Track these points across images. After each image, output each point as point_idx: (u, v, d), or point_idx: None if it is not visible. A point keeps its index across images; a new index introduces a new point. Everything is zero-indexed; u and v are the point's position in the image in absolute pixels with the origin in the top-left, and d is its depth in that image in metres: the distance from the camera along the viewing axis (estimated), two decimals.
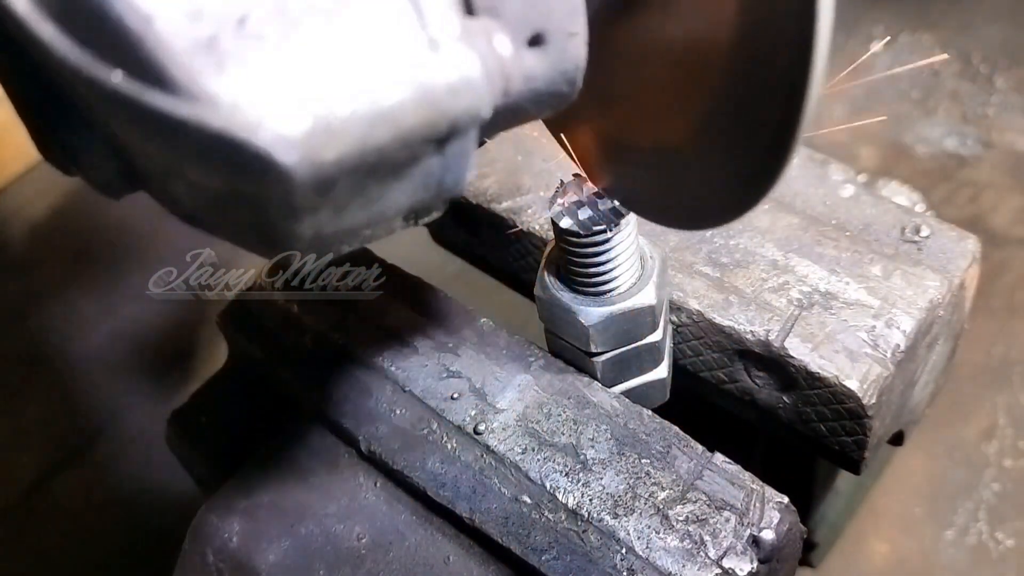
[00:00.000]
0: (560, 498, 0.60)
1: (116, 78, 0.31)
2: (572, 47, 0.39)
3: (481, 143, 0.39)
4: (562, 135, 0.59)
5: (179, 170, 0.35)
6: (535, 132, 0.81)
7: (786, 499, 0.60)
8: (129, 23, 0.29)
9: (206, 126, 0.30)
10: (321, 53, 0.32)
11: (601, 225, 0.59)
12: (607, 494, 0.60)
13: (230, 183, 0.33)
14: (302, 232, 0.35)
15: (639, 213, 0.59)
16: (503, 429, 0.64)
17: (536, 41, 0.38)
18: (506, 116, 0.39)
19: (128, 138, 0.36)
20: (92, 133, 0.39)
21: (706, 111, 0.46)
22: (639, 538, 0.58)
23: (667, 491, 0.60)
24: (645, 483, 0.60)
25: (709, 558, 0.56)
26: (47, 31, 0.31)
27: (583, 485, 0.60)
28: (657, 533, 0.58)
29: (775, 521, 0.58)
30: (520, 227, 0.79)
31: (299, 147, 0.30)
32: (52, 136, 0.40)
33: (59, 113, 0.39)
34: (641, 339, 0.65)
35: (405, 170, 0.36)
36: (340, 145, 0.31)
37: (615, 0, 0.46)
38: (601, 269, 0.61)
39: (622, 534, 0.58)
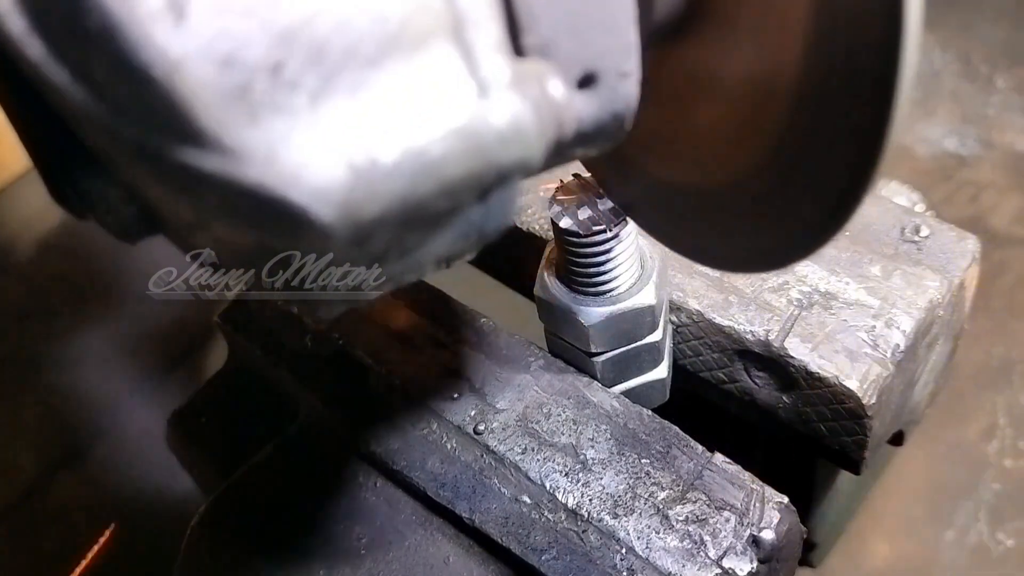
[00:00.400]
0: (560, 498, 0.60)
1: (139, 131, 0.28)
2: (624, 87, 0.36)
3: None
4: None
5: (206, 224, 0.33)
6: None
7: (786, 499, 0.60)
8: (156, 71, 0.27)
9: (238, 180, 0.28)
10: (362, 102, 0.29)
11: (601, 225, 0.59)
12: (607, 494, 0.60)
13: (262, 238, 0.31)
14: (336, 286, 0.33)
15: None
16: (503, 429, 0.64)
17: (587, 82, 0.35)
18: (551, 160, 0.37)
19: (150, 190, 0.34)
20: (108, 178, 0.36)
21: (761, 155, 0.42)
22: (639, 538, 0.58)
23: (667, 491, 0.60)
24: (645, 483, 0.60)
25: (709, 558, 0.56)
26: (62, 77, 0.29)
27: (583, 485, 0.60)
28: (657, 533, 0.58)
29: (775, 521, 0.58)
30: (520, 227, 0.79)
31: (338, 203, 0.28)
32: (65, 180, 0.38)
33: (73, 157, 0.36)
34: (641, 339, 0.65)
35: (445, 220, 0.33)
36: (382, 200, 0.29)
37: (665, 32, 0.42)
38: (601, 269, 0.61)
39: (622, 534, 0.58)
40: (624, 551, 0.57)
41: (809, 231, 0.41)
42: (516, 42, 0.33)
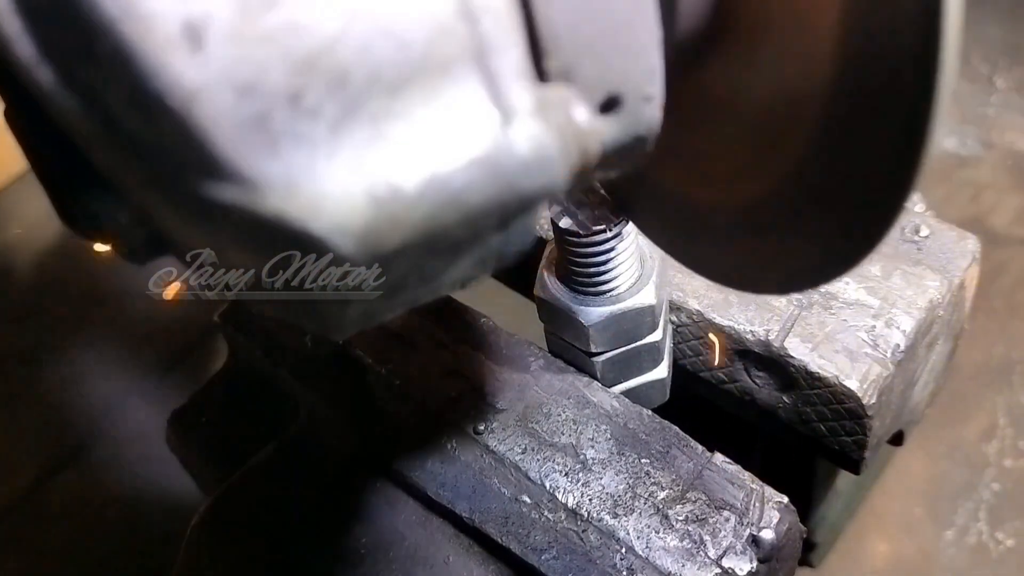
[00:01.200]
0: (560, 498, 0.60)
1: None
2: (648, 111, 0.36)
3: None
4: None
5: (222, 253, 0.32)
6: None
7: (786, 499, 0.60)
8: (171, 101, 0.26)
9: (257, 211, 0.27)
10: (384, 131, 0.28)
11: (601, 225, 0.59)
12: (607, 494, 0.60)
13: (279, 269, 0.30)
14: (351, 314, 0.33)
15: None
16: (503, 429, 0.64)
17: (610, 105, 0.35)
18: (574, 184, 0.36)
19: (163, 218, 0.33)
20: (119, 201, 0.35)
21: (786, 175, 0.40)
22: (639, 538, 0.58)
23: (667, 491, 0.60)
24: (645, 483, 0.60)
25: (709, 558, 0.56)
26: (73, 104, 0.28)
27: (583, 485, 0.60)
28: (657, 533, 0.58)
29: (775, 521, 0.58)
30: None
31: (359, 234, 0.28)
32: (74, 202, 0.37)
33: (82, 178, 0.35)
34: (641, 339, 0.65)
35: (466, 248, 0.33)
36: (403, 230, 0.29)
37: (688, 53, 0.41)
38: (601, 269, 0.61)
39: (622, 534, 0.58)
40: (624, 551, 0.57)
41: (831, 258, 0.40)
42: (539, 66, 0.32)
